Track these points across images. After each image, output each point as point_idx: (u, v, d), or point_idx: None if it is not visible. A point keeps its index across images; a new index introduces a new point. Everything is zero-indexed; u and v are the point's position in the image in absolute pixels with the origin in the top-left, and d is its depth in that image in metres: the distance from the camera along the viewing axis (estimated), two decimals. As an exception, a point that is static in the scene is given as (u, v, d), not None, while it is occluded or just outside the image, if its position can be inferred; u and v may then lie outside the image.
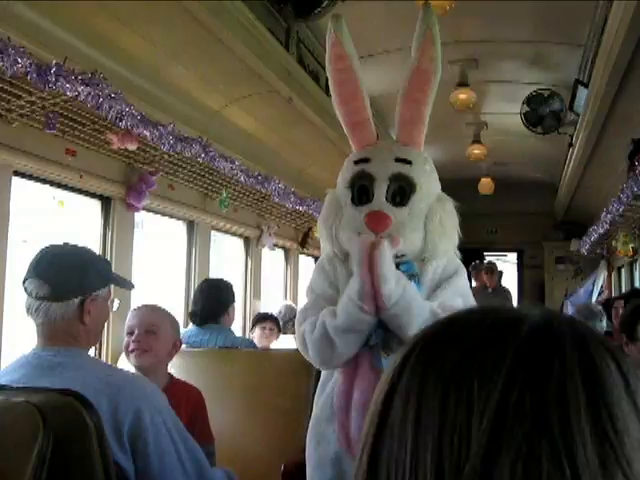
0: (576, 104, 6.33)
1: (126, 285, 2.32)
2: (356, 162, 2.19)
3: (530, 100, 7.07)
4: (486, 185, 10.31)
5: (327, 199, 2.25)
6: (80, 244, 2.16)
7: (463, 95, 6.68)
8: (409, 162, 2.13)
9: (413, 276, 2.09)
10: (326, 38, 2.16)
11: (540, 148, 8.48)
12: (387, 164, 2.13)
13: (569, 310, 8.69)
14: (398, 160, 2.13)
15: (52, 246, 2.03)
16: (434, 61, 2.09)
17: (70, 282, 1.93)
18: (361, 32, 5.69)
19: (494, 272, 8.68)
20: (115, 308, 2.23)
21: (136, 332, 2.73)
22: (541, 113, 7.07)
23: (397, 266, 2.02)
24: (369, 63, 6.13)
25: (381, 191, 2.09)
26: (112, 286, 2.13)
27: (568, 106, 6.72)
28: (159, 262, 5.39)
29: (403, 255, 2.07)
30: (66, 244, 2.08)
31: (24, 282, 1.94)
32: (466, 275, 2.23)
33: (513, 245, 12.21)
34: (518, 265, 12.15)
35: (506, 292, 8.82)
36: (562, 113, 7.03)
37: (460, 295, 2.14)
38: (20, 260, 3.26)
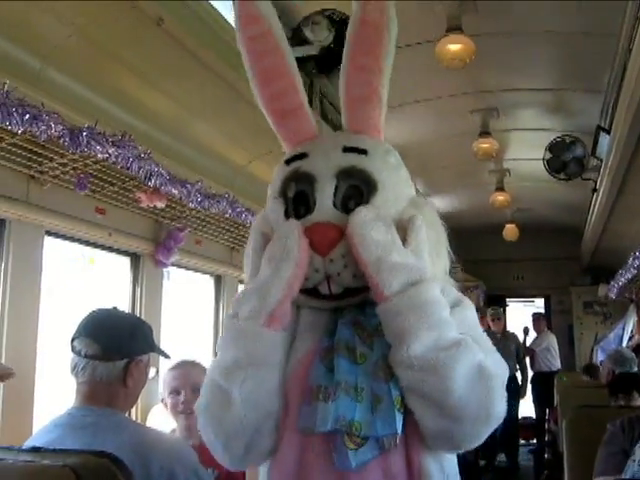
0: (599, 150, 6.33)
1: (165, 354, 2.35)
2: (288, 161, 1.54)
3: (552, 147, 7.09)
4: (511, 231, 10.31)
5: (253, 225, 1.58)
6: (109, 299, 2.22)
7: (485, 144, 6.73)
8: (363, 151, 1.48)
9: None
10: None
11: (564, 193, 8.48)
12: (332, 156, 1.47)
13: (599, 356, 8.61)
14: (347, 150, 1.47)
15: (101, 309, 2.10)
16: (385, 12, 1.45)
17: (119, 344, 1.99)
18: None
19: (501, 318, 8.76)
20: (151, 376, 2.26)
21: (183, 393, 2.78)
22: (564, 159, 7.07)
23: (362, 307, 1.42)
24: (397, 113, 6.22)
25: (326, 194, 1.43)
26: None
27: (591, 152, 6.73)
28: (186, 312, 5.43)
29: (368, 288, 1.37)
30: (114, 308, 2.15)
31: (72, 341, 1.99)
32: (474, 309, 1.56)
33: (540, 291, 12.12)
34: (546, 311, 12.04)
35: (515, 337, 8.89)
36: (585, 159, 7.03)
37: (469, 330, 1.38)
38: (45, 310, 3.33)
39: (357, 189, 1.45)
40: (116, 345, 1.98)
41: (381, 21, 1.45)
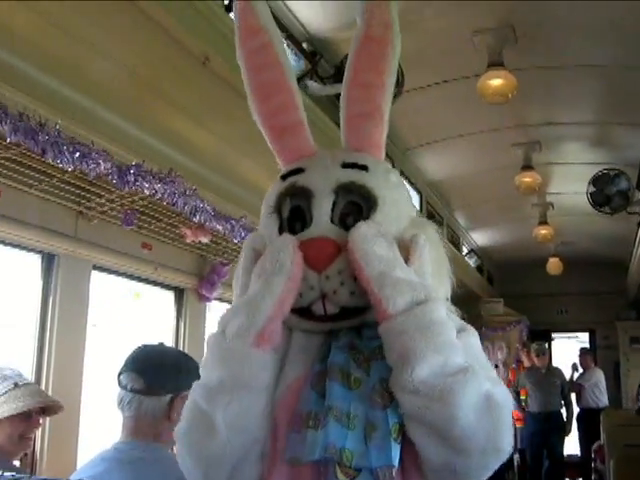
0: (643, 183, 6.28)
1: None
2: (284, 176, 1.45)
3: (596, 180, 7.04)
4: (554, 265, 10.22)
5: (245, 242, 1.46)
6: (154, 333, 2.24)
7: (528, 178, 6.72)
8: (363, 167, 1.41)
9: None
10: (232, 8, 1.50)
11: (608, 227, 8.39)
12: (330, 171, 1.40)
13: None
14: (347, 166, 1.40)
15: (148, 344, 2.13)
16: (390, 28, 1.41)
17: (164, 379, 2.01)
18: (418, 121, 5.83)
19: (545, 353, 8.59)
20: None
21: None
22: (608, 193, 7.01)
23: (358, 331, 1.33)
24: (440, 148, 6.24)
25: (323, 210, 1.35)
26: None
27: (635, 185, 6.66)
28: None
29: (365, 308, 1.29)
30: (161, 344, 2.17)
31: (119, 375, 2.02)
32: (478, 337, 1.36)
33: (584, 325, 11.94)
34: (591, 346, 11.85)
35: (561, 372, 8.72)
36: (630, 192, 6.96)
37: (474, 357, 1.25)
38: (91, 344, 3.39)
39: (356, 205, 1.37)
40: (161, 380, 2.01)
41: (386, 37, 1.41)
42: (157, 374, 2.01)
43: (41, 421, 2.60)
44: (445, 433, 1.15)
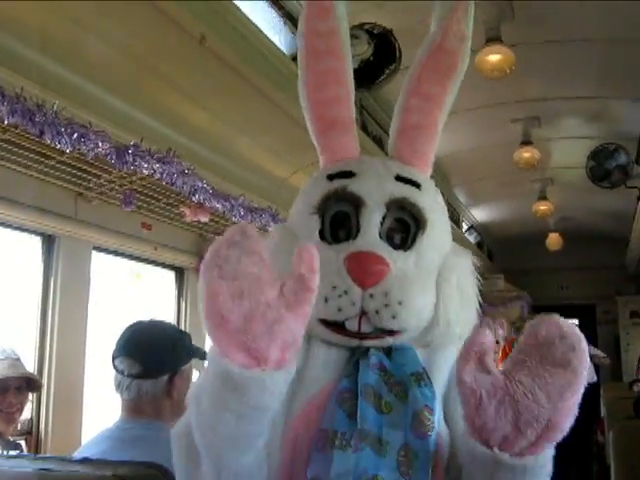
0: (643, 157, 6.27)
1: (206, 357, 2.35)
2: (331, 177, 1.34)
3: (595, 155, 7.02)
4: (554, 240, 10.22)
5: (272, 238, 1.32)
6: (155, 312, 2.23)
7: (527, 153, 6.70)
8: (416, 184, 1.33)
9: (420, 377, 1.22)
10: None
11: (608, 201, 8.38)
12: (384, 182, 1.31)
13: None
14: (400, 179, 1.32)
15: (138, 323, 2.10)
16: (464, 43, 1.38)
17: (161, 360, 2.01)
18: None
19: None
20: (195, 379, 2.28)
21: None
22: (607, 167, 7.00)
23: (389, 352, 1.25)
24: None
25: (373, 222, 1.27)
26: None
27: (635, 159, 6.65)
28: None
29: (400, 331, 1.23)
30: (151, 321, 2.15)
31: (114, 360, 2.02)
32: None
33: (585, 300, 11.96)
34: (591, 321, 11.86)
35: None
36: (629, 167, 6.94)
37: None
38: (93, 324, 3.41)
39: (405, 224, 1.29)
40: (158, 362, 2.00)
41: (459, 51, 1.37)
42: (153, 356, 1.99)
43: (30, 397, 2.64)
44: None
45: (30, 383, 2.75)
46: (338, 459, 1.12)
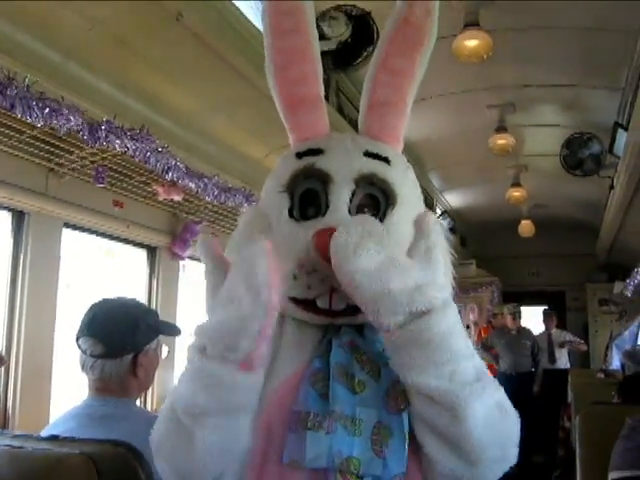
0: (616, 147, 6.31)
1: (174, 332, 2.33)
2: (300, 154, 1.34)
3: (569, 143, 7.07)
4: (526, 227, 10.30)
5: (244, 219, 1.36)
6: (126, 291, 2.20)
7: (502, 140, 6.73)
8: (386, 160, 1.33)
9: None
10: None
11: (580, 190, 8.46)
12: (353, 158, 1.30)
13: (615, 354, 8.57)
14: (369, 155, 1.32)
15: (102, 302, 2.08)
16: (430, 16, 1.35)
17: (123, 340, 1.99)
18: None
19: (519, 315, 8.64)
20: (164, 355, 2.27)
21: None
22: (581, 156, 7.05)
23: (360, 329, 1.25)
24: (413, 108, 6.21)
25: (342, 199, 1.26)
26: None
27: (608, 149, 6.70)
28: (201, 304, 5.47)
29: None
30: (116, 299, 2.13)
31: (77, 340, 2.00)
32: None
33: (555, 287, 12.10)
34: (560, 307, 12.01)
35: (530, 333, 8.78)
36: (602, 156, 7.00)
37: None
38: (63, 302, 3.38)
39: (374, 199, 1.28)
40: (120, 342, 1.98)
41: (425, 24, 1.34)
42: (115, 336, 1.98)
43: None
44: (458, 445, 1.09)
45: None
46: (311, 441, 1.13)
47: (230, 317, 1.09)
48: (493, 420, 1.10)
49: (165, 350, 2.29)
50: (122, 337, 1.99)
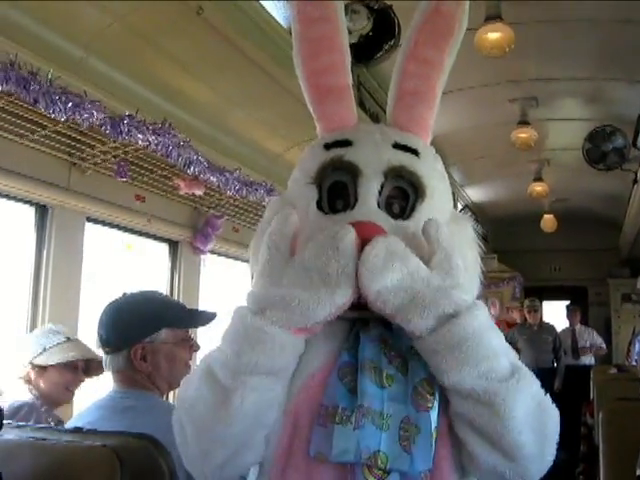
0: (639, 140, 6.25)
1: (189, 323, 2.22)
2: (328, 145, 1.32)
3: (592, 137, 7.00)
4: (549, 222, 10.22)
5: (271, 209, 1.35)
6: (148, 285, 2.21)
7: (524, 134, 6.68)
8: (415, 152, 1.31)
9: None
10: None
11: (603, 184, 8.38)
12: (382, 150, 1.28)
13: (638, 349, 8.50)
14: (398, 147, 1.30)
15: (118, 299, 2.09)
16: (461, 5, 1.33)
17: (113, 337, 2.01)
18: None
19: (538, 310, 8.56)
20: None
21: None
22: (604, 150, 6.98)
23: (389, 323, 1.19)
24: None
25: (371, 192, 1.24)
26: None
27: (632, 142, 6.63)
28: (223, 299, 5.48)
29: None
30: (129, 295, 2.11)
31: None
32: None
33: (577, 282, 12.00)
34: (583, 302, 11.92)
35: (553, 328, 8.70)
36: (625, 149, 6.93)
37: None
38: (86, 295, 3.41)
39: (403, 192, 1.27)
40: (111, 339, 2.01)
41: (456, 13, 1.32)
42: (108, 333, 2.02)
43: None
44: (498, 441, 1.10)
45: (90, 369, 2.76)
46: (338, 435, 1.12)
47: (310, 289, 1.12)
48: (532, 416, 1.11)
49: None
50: (113, 334, 2.01)
